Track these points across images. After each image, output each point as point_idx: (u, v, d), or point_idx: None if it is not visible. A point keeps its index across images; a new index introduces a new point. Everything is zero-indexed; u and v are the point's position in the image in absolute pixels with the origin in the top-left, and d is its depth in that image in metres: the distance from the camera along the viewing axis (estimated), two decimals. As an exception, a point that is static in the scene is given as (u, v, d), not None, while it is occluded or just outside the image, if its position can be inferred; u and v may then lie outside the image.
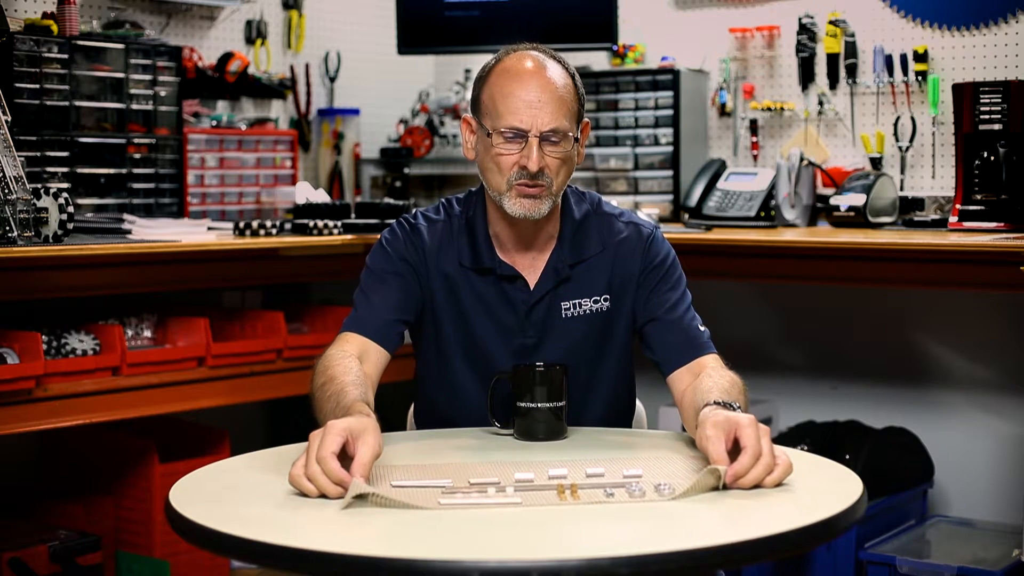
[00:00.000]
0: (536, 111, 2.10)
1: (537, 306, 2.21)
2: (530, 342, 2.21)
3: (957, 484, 3.65)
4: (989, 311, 3.62)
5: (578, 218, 2.25)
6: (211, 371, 3.19)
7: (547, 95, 2.12)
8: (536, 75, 2.13)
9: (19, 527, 3.16)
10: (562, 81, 2.14)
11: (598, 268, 2.24)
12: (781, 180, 3.64)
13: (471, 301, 2.23)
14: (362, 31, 4.33)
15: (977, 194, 3.29)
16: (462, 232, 2.24)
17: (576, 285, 2.22)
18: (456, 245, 2.23)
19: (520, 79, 2.13)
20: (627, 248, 2.25)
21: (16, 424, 2.83)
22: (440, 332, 2.24)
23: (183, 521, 1.65)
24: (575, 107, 2.16)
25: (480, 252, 2.22)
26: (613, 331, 2.25)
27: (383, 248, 2.25)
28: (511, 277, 2.21)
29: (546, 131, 2.11)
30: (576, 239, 2.24)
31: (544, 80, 2.13)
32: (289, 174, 3.82)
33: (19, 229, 2.70)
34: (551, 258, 2.22)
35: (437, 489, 1.70)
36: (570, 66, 2.20)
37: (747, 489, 1.72)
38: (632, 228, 2.27)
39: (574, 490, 1.68)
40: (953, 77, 3.55)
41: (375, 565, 1.45)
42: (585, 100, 2.22)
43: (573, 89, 2.16)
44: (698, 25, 4.02)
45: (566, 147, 2.13)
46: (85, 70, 3.27)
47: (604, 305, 2.23)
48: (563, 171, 2.15)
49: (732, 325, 3.98)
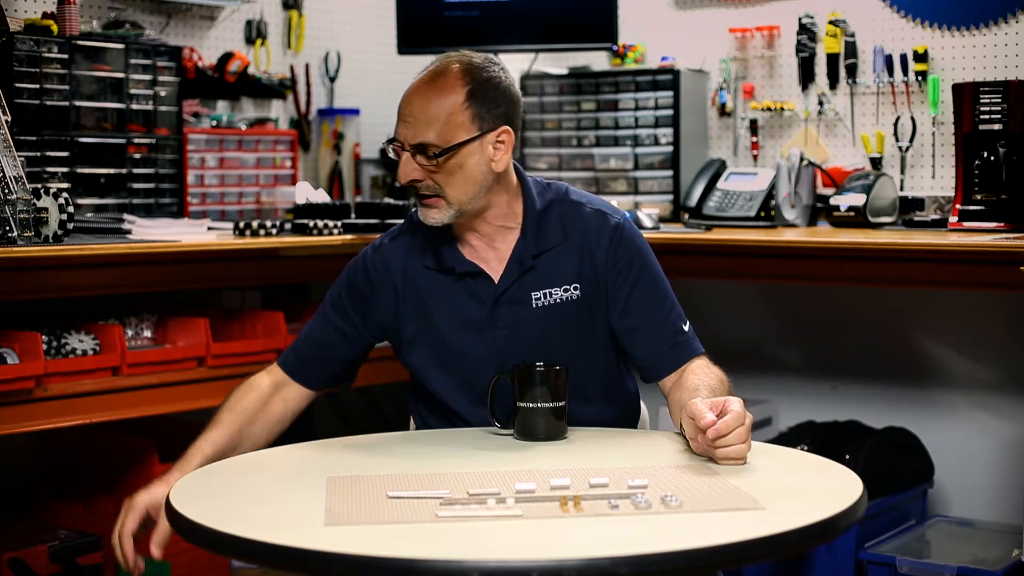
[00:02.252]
0: (406, 125, 2.15)
1: (504, 297, 2.22)
2: (502, 335, 2.21)
3: (957, 484, 3.65)
4: (989, 311, 3.62)
5: (540, 208, 2.25)
6: (211, 371, 3.19)
7: (418, 110, 2.14)
8: (419, 88, 2.17)
9: (19, 527, 3.15)
10: (444, 95, 2.14)
11: (565, 257, 2.23)
12: (781, 180, 3.64)
13: (441, 305, 2.24)
14: (362, 31, 4.33)
15: (977, 194, 3.29)
16: (427, 238, 2.26)
17: (543, 275, 2.22)
18: (420, 251, 2.26)
19: (407, 92, 2.19)
20: (593, 237, 2.24)
21: (16, 424, 2.83)
22: (413, 346, 2.27)
23: (183, 521, 1.66)
24: (463, 118, 2.14)
25: (442, 253, 2.24)
26: (590, 321, 2.24)
27: (340, 282, 2.33)
28: (474, 273, 2.22)
29: (414, 144, 2.14)
30: (539, 229, 2.23)
31: (421, 96, 2.16)
32: (289, 174, 3.82)
33: (19, 229, 2.70)
34: (514, 250, 2.22)
35: (435, 500, 1.68)
36: (479, 75, 2.17)
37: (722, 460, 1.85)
38: (598, 216, 2.26)
39: (577, 502, 1.65)
40: (953, 77, 3.55)
41: (375, 565, 1.45)
42: (503, 103, 2.18)
43: (462, 101, 2.14)
44: (698, 25, 4.02)
45: (446, 160, 2.13)
46: (85, 70, 3.27)
47: (575, 294, 2.22)
48: (456, 181, 2.15)
49: (732, 325, 3.98)
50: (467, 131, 2.15)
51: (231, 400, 2.26)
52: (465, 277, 2.23)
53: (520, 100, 2.25)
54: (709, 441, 1.85)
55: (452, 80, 2.16)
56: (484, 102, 2.16)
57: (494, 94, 2.18)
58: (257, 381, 2.30)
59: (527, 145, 4.06)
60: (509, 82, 2.22)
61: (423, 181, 2.15)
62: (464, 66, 2.18)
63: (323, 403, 4.12)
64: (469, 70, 2.17)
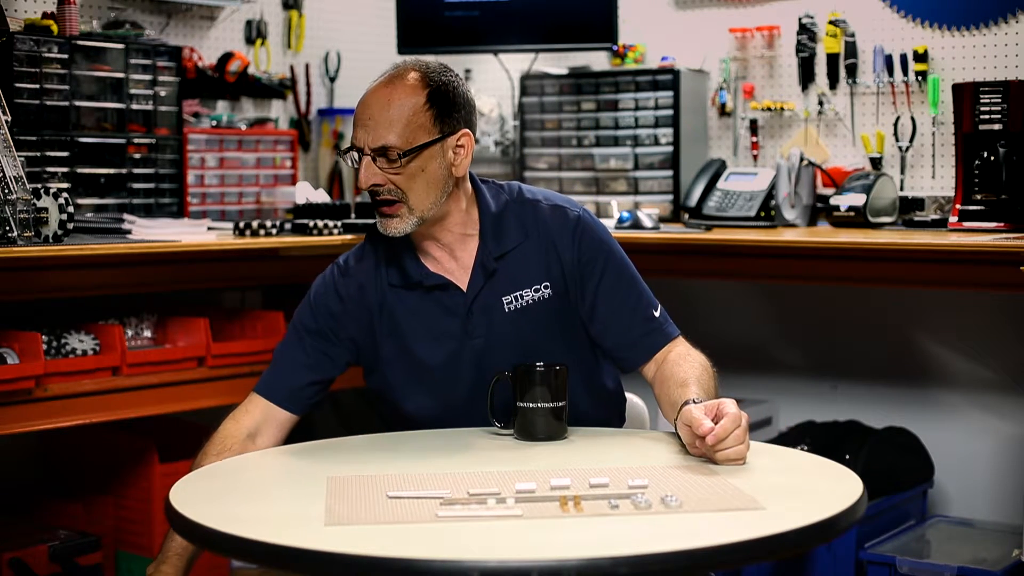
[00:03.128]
0: (365, 129, 2.13)
1: (475, 306, 2.20)
2: (478, 343, 2.20)
3: (957, 484, 3.65)
4: (989, 311, 3.62)
5: (496, 211, 2.24)
6: (211, 371, 3.19)
7: (377, 113, 2.13)
8: (375, 93, 2.15)
9: (19, 527, 3.16)
10: (403, 97, 2.13)
11: (529, 256, 2.22)
12: (781, 180, 3.64)
13: (412, 323, 2.22)
14: (362, 31, 4.33)
15: (977, 194, 3.29)
16: (388, 254, 2.24)
17: (510, 277, 2.21)
18: (383, 270, 2.24)
19: (363, 97, 2.17)
20: (555, 233, 2.23)
21: (16, 424, 2.83)
22: (390, 367, 2.24)
23: (183, 521, 1.66)
24: (423, 120, 2.13)
25: (406, 268, 2.22)
26: (564, 318, 2.24)
27: (308, 304, 2.28)
28: (442, 285, 2.21)
29: (374, 148, 2.13)
30: (497, 232, 2.23)
31: (379, 99, 2.14)
32: (289, 174, 3.83)
33: (19, 229, 2.70)
34: (477, 256, 2.21)
35: (435, 500, 1.68)
36: (436, 78, 2.16)
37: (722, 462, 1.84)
38: (557, 211, 2.25)
39: (577, 502, 1.65)
40: (953, 77, 3.55)
41: (375, 565, 1.45)
42: (460, 107, 2.18)
43: (421, 104, 2.13)
44: (698, 25, 4.02)
45: (408, 162, 2.12)
46: (85, 70, 3.27)
47: (546, 293, 2.22)
48: (418, 185, 2.14)
49: (732, 325, 3.98)
50: (428, 133, 2.14)
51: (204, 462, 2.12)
52: (434, 290, 2.21)
53: (476, 107, 2.25)
54: (708, 447, 1.86)
55: (412, 83, 2.15)
56: (444, 105, 2.16)
57: (454, 97, 2.18)
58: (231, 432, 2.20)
59: (527, 145, 4.06)
60: (466, 87, 2.22)
61: (384, 186, 2.13)
62: (421, 71, 2.17)
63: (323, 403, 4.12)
64: (427, 74, 2.17)
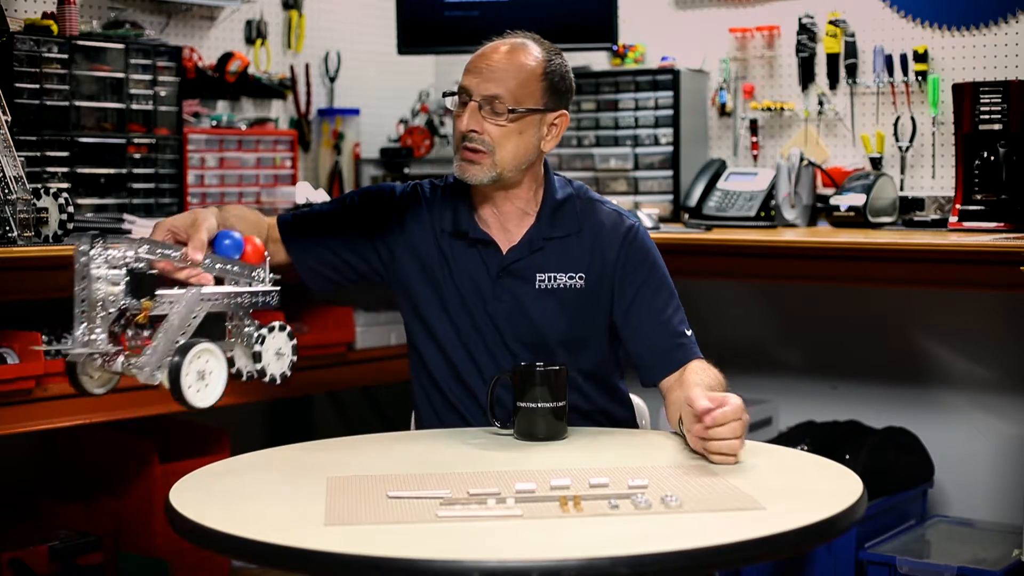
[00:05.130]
0: (480, 77, 2.21)
1: (509, 270, 2.26)
2: (503, 308, 2.26)
3: (957, 484, 3.65)
4: (989, 311, 3.62)
5: (559, 199, 2.31)
6: (211, 371, 3.18)
7: (497, 64, 2.21)
8: (497, 48, 2.25)
9: (19, 527, 3.16)
10: (525, 59, 2.22)
11: (575, 247, 2.28)
12: (781, 180, 3.64)
13: (450, 264, 2.29)
14: (362, 31, 4.33)
15: (977, 194, 3.29)
16: (448, 199, 2.32)
17: (552, 259, 2.27)
18: (440, 210, 2.31)
19: (483, 50, 2.25)
20: (606, 233, 2.29)
21: (16, 424, 2.83)
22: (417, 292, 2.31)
23: (183, 521, 1.66)
24: (534, 87, 2.22)
25: (459, 218, 2.29)
26: (589, 312, 2.28)
27: (380, 189, 2.37)
28: (485, 241, 2.27)
29: (487, 95, 2.19)
30: (554, 217, 2.29)
31: (501, 53, 2.23)
32: (289, 174, 3.82)
33: (19, 229, 2.70)
34: (527, 232, 2.28)
35: (435, 500, 1.68)
36: (552, 57, 2.26)
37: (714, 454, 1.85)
38: (614, 216, 2.33)
39: (577, 502, 1.65)
40: (953, 77, 3.55)
41: (375, 565, 1.45)
42: (565, 90, 2.28)
43: (537, 71, 2.23)
44: (698, 25, 4.02)
45: (512, 120, 2.20)
46: (85, 70, 3.27)
47: (579, 283, 2.27)
48: (510, 145, 2.21)
49: (732, 325, 3.98)
50: (535, 101, 2.23)
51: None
52: (477, 244, 2.28)
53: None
54: (703, 429, 1.86)
55: (534, 52, 2.25)
56: (555, 82, 2.26)
57: (564, 78, 2.29)
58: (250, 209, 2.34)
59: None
60: (572, 76, 2.32)
61: (481, 135, 2.20)
62: (543, 46, 2.28)
63: (323, 403, 4.12)
64: (548, 49, 2.28)
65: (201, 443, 3.35)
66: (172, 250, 1.87)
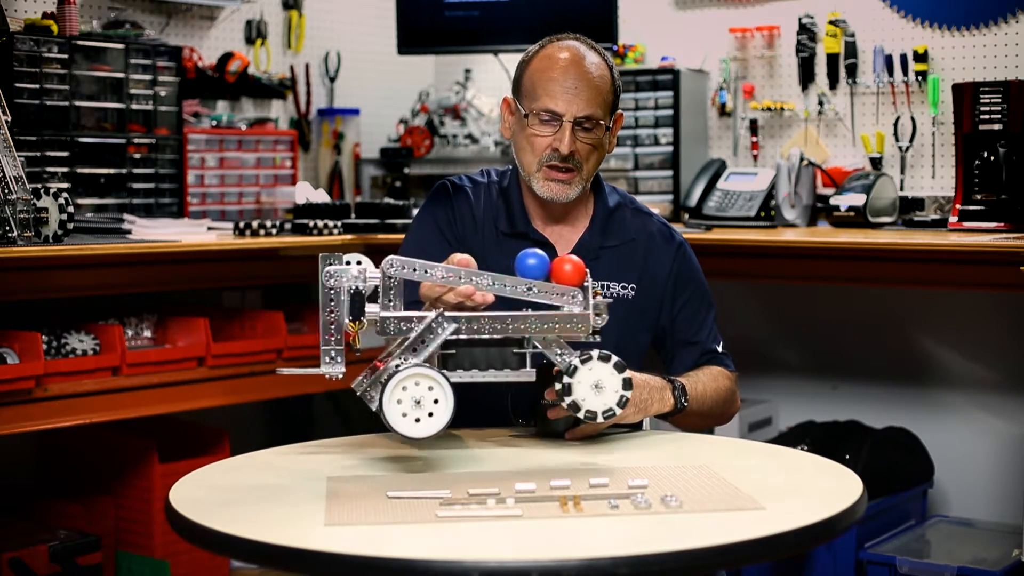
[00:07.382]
0: (572, 97, 2.20)
1: None
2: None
3: (957, 484, 3.65)
4: (989, 311, 3.62)
5: (612, 206, 2.33)
6: (211, 371, 3.19)
7: (584, 83, 2.20)
8: (575, 63, 2.22)
9: (19, 527, 3.16)
10: (599, 71, 2.23)
11: (628, 257, 2.30)
12: (781, 180, 3.64)
13: (504, 264, 2.26)
14: (362, 31, 4.33)
15: (977, 194, 3.29)
16: (500, 199, 2.32)
17: (605, 267, 2.27)
18: (494, 209, 2.31)
19: (561, 66, 2.22)
20: (657, 247, 2.32)
21: (16, 424, 2.83)
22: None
23: (183, 521, 1.65)
24: (610, 98, 2.24)
25: (515, 218, 2.30)
26: (636, 323, 2.29)
27: (423, 224, 2.31)
28: (543, 243, 2.27)
29: (580, 117, 2.20)
30: (608, 226, 2.31)
31: (582, 69, 2.22)
32: (289, 174, 3.82)
33: (19, 229, 2.70)
34: (582, 238, 2.30)
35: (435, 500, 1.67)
36: (609, 59, 2.28)
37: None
38: (665, 229, 2.37)
39: (577, 502, 1.65)
40: (953, 77, 3.55)
41: (375, 565, 1.45)
42: (621, 92, 2.30)
43: (609, 80, 2.25)
44: (698, 25, 4.02)
45: (598, 134, 2.22)
46: (85, 70, 3.27)
47: (630, 293, 2.28)
48: (593, 157, 2.24)
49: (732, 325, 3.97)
50: (610, 111, 2.25)
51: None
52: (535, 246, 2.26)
53: None
54: None
55: (601, 62, 2.25)
56: (618, 86, 2.29)
57: (620, 81, 2.30)
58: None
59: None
60: None
61: (576, 155, 2.21)
62: (599, 51, 2.27)
63: (323, 403, 4.12)
64: (603, 53, 2.28)
65: (201, 443, 3.36)
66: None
